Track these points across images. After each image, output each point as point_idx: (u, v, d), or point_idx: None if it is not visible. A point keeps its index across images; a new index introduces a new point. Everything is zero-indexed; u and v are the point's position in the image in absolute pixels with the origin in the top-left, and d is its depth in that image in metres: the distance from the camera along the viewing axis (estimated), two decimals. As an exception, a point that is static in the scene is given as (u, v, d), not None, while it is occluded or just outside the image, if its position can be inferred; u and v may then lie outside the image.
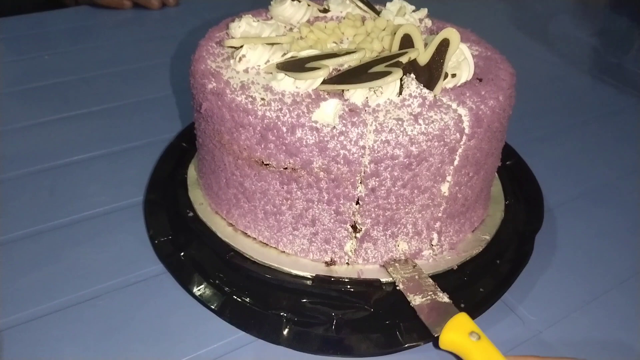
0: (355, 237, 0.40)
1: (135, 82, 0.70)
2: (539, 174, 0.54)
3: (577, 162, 0.61)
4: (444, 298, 0.39)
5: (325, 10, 0.51)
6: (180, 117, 0.63)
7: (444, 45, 0.38)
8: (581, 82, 0.80)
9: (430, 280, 0.40)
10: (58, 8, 0.92)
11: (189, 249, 0.44)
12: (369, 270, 0.41)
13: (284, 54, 0.40)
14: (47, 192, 0.51)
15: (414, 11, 0.51)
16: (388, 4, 0.51)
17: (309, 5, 0.48)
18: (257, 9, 0.50)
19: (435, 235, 0.42)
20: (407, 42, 0.40)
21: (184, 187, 0.49)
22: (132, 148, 0.57)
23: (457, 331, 0.36)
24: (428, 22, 0.51)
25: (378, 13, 0.50)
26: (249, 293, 0.41)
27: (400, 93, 0.38)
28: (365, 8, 0.50)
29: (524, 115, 0.42)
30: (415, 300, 0.39)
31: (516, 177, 0.54)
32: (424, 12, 0.51)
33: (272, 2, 0.48)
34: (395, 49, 0.40)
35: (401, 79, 0.38)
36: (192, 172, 0.50)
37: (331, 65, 0.37)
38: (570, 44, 0.91)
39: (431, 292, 0.39)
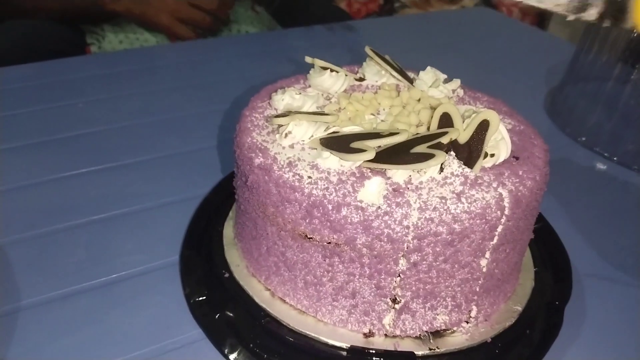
0: (394, 308, 0.41)
1: (170, 132, 0.71)
2: (567, 238, 0.54)
3: (605, 227, 0.61)
4: None
5: (361, 79, 0.52)
6: (219, 171, 0.64)
7: (483, 125, 0.40)
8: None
9: None
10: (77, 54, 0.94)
11: (224, 311, 0.45)
12: (406, 342, 0.42)
13: (327, 129, 0.42)
14: (83, 249, 0.51)
15: (446, 81, 0.52)
16: (421, 73, 0.52)
17: (346, 75, 0.50)
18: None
19: (474, 308, 0.42)
20: (445, 119, 0.42)
21: (220, 245, 0.49)
22: (168, 203, 0.58)
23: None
24: (460, 92, 0.52)
25: (411, 81, 0.52)
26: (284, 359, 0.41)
27: (441, 170, 0.39)
28: (399, 77, 0.52)
29: (550, 178, 0.42)
30: None
31: (543, 242, 0.54)
32: (457, 82, 0.52)
33: (310, 71, 0.50)
34: (434, 126, 0.42)
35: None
36: (228, 232, 0.51)
37: (375, 146, 0.39)
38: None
39: None
